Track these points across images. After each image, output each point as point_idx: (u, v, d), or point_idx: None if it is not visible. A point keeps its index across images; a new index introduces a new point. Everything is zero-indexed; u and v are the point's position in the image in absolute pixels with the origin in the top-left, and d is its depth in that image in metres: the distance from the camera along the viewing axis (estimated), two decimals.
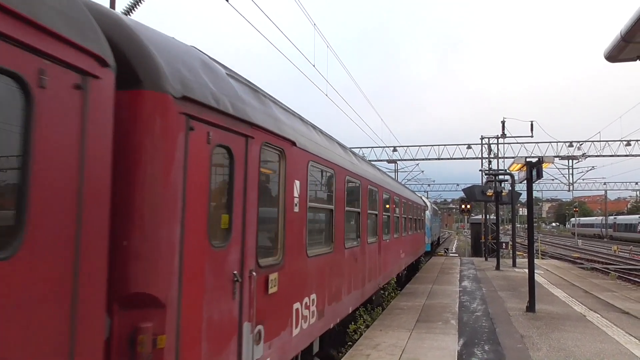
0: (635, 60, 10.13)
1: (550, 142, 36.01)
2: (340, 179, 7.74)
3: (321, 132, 7.66)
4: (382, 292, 12.48)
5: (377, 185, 11.10)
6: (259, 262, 4.47)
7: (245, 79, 5.08)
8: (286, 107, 6.15)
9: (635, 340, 8.39)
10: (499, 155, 33.70)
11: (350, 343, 8.54)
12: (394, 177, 34.32)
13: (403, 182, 36.69)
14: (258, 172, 4.49)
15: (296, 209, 5.56)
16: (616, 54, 10.03)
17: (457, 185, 63.23)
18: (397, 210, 14.76)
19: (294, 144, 5.43)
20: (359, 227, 9.26)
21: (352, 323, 9.13)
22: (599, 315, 10.64)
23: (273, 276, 4.78)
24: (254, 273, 4.29)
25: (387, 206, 12.86)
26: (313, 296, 6.20)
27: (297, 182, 5.60)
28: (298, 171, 5.63)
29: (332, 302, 7.14)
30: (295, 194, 5.53)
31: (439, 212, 54.70)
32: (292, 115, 6.11)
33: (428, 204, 29.28)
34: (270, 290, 4.70)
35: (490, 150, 33.58)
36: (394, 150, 38.98)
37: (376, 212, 11.07)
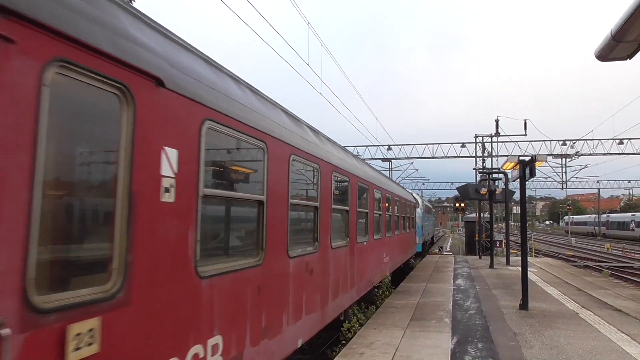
0: (626, 59, 10.21)
1: (543, 141, 36.25)
2: (279, 157, 5.55)
3: (254, 91, 5.45)
4: (375, 290, 12.46)
5: (348, 174, 8.92)
6: (34, 301, 2.33)
7: None
8: (172, 35, 3.98)
9: (627, 338, 8.44)
10: (493, 154, 33.90)
11: (344, 342, 8.54)
12: (388, 175, 34.31)
13: (397, 181, 36.67)
14: (35, 114, 2.37)
15: (168, 197, 3.43)
16: (607, 53, 10.11)
17: (452, 183, 63.52)
18: (380, 206, 12.80)
19: (160, 82, 3.35)
20: (317, 227, 7.12)
21: (346, 322, 9.14)
22: (591, 313, 10.69)
23: (82, 326, 2.59)
24: (6, 330, 2.17)
25: (365, 201, 10.82)
26: (215, 340, 4.05)
27: (173, 153, 3.48)
28: (174, 133, 3.51)
29: (259, 340, 4.93)
30: (167, 171, 3.42)
31: (433, 210, 54.74)
32: (175, 44, 3.87)
33: (419, 200, 28.83)
34: (75, 356, 2.53)
35: (484, 148, 33.75)
36: (389, 148, 39.25)
37: (347, 208, 9.01)
